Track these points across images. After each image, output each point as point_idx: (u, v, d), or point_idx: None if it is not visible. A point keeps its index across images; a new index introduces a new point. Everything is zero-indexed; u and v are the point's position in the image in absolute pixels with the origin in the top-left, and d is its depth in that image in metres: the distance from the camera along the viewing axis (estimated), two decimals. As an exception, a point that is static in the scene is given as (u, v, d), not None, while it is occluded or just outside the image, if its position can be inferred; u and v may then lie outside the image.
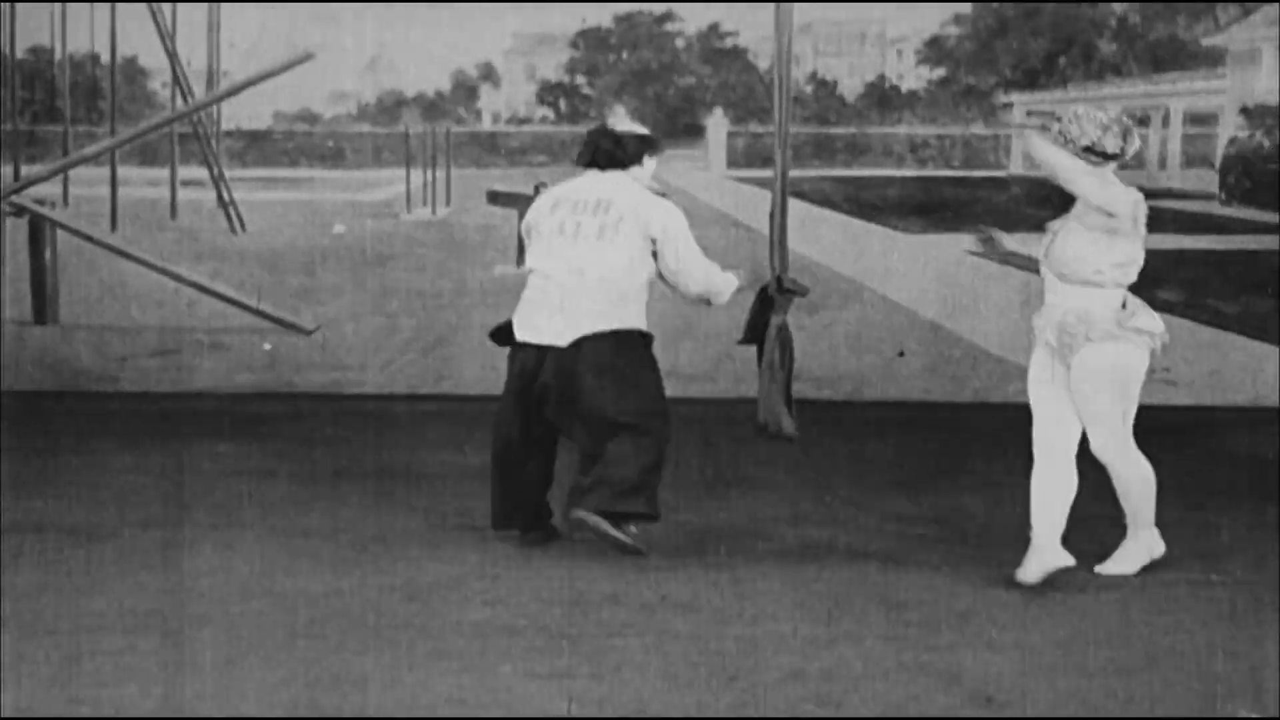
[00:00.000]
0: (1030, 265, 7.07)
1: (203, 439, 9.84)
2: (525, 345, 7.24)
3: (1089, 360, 6.64)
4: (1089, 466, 6.75)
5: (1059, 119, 6.79)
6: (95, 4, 12.71)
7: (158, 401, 11.18)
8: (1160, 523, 6.98)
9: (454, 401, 11.15)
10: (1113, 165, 6.76)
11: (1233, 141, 14.25)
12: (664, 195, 7.31)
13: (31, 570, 6.86)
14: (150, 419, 10.46)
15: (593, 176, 7.37)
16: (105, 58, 12.85)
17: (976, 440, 10.10)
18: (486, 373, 11.34)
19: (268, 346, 11.86)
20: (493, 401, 7.39)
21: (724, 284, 7.44)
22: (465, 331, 11.71)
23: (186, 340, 11.81)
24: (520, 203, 12.78)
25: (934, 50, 14.76)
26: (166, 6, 12.89)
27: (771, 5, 8.22)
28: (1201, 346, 11.48)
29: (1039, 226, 6.70)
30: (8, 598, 6.28)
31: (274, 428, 10.38)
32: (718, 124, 14.61)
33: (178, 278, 11.67)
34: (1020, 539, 6.84)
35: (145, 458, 9.31)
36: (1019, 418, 6.77)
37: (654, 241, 7.16)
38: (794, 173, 8.64)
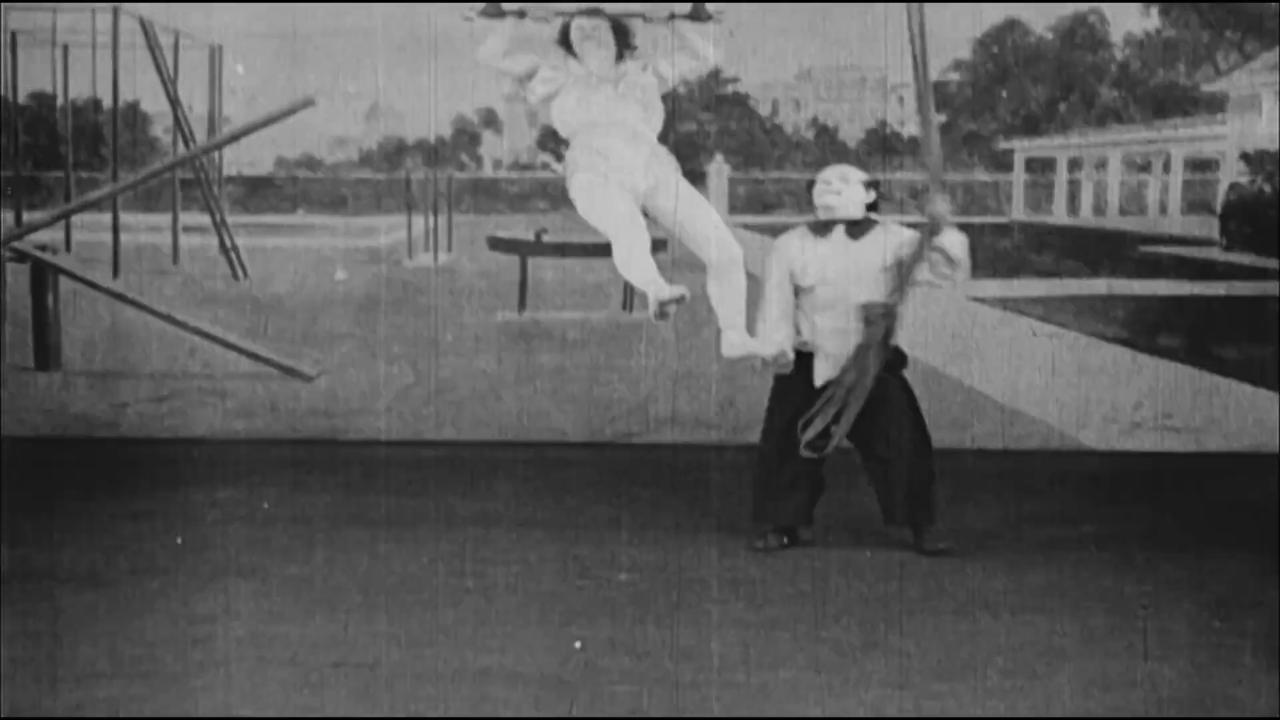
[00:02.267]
0: (1028, 309, 7.13)
1: (203, 485, 9.83)
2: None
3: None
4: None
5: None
6: (97, 50, 12.75)
7: (158, 447, 11.17)
8: (1161, 568, 6.96)
9: (455, 448, 11.15)
10: None
11: (1234, 187, 14.26)
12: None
13: (31, 617, 6.84)
14: (151, 465, 10.45)
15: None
16: (107, 103, 12.88)
17: (975, 486, 10.08)
18: (489, 419, 11.37)
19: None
20: (492, 448, 7.39)
21: None
22: (467, 378, 11.72)
23: (187, 386, 11.80)
24: (522, 249, 12.82)
25: (934, 96, 14.77)
26: (168, 52, 12.93)
27: (772, 52, 8.25)
28: (1202, 393, 11.47)
29: (1041, 272, 6.71)
30: (7, 644, 6.27)
31: (274, 474, 10.37)
32: (719, 170, 14.64)
33: (179, 323, 11.67)
34: (1002, 594, 6.81)
35: (145, 504, 9.30)
36: (1019, 464, 6.76)
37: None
38: (794, 219, 8.65)
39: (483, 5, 6.78)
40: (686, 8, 7.00)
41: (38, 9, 12.42)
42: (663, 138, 7.38)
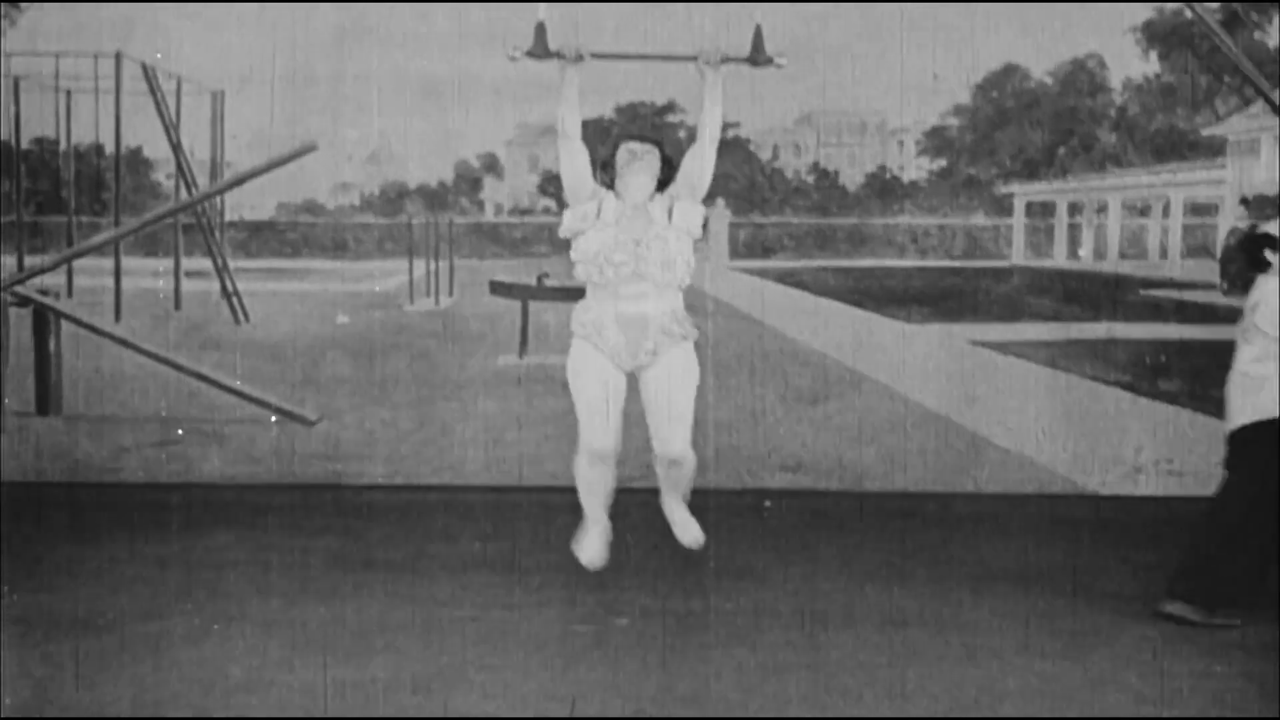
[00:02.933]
0: (1030, 354, 7.10)
1: (203, 530, 9.82)
2: None
3: (677, 360, 7.22)
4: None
5: None
6: (100, 95, 12.79)
7: (159, 492, 11.16)
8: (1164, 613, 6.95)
9: (456, 492, 11.13)
10: None
11: (1233, 231, 14.28)
12: None
13: (31, 661, 6.83)
14: (151, 509, 10.43)
15: None
16: (109, 149, 12.92)
17: (977, 530, 10.07)
18: (489, 463, 11.36)
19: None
20: (493, 493, 7.39)
21: None
22: (468, 422, 11.72)
23: (189, 431, 11.80)
24: (523, 293, 12.84)
25: (934, 141, 14.82)
26: (171, 97, 12.97)
27: (772, 97, 8.26)
28: (1205, 437, 11.45)
29: (1041, 315, 6.71)
30: (8, 689, 6.25)
31: (275, 518, 10.35)
32: (719, 215, 14.66)
33: (180, 368, 11.68)
34: (1013, 632, 6.79)
35: (146, 549, 9.28)
36: (1021, 508, 6.75)
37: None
38: (795, 263, 8.64)
39: (529, 46, 6.76)
40: (743, 53, 6.95)
41: (41, 55, 12.47)
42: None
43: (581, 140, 6.86)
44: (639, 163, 6.95)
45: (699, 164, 6.87)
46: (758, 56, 6.95)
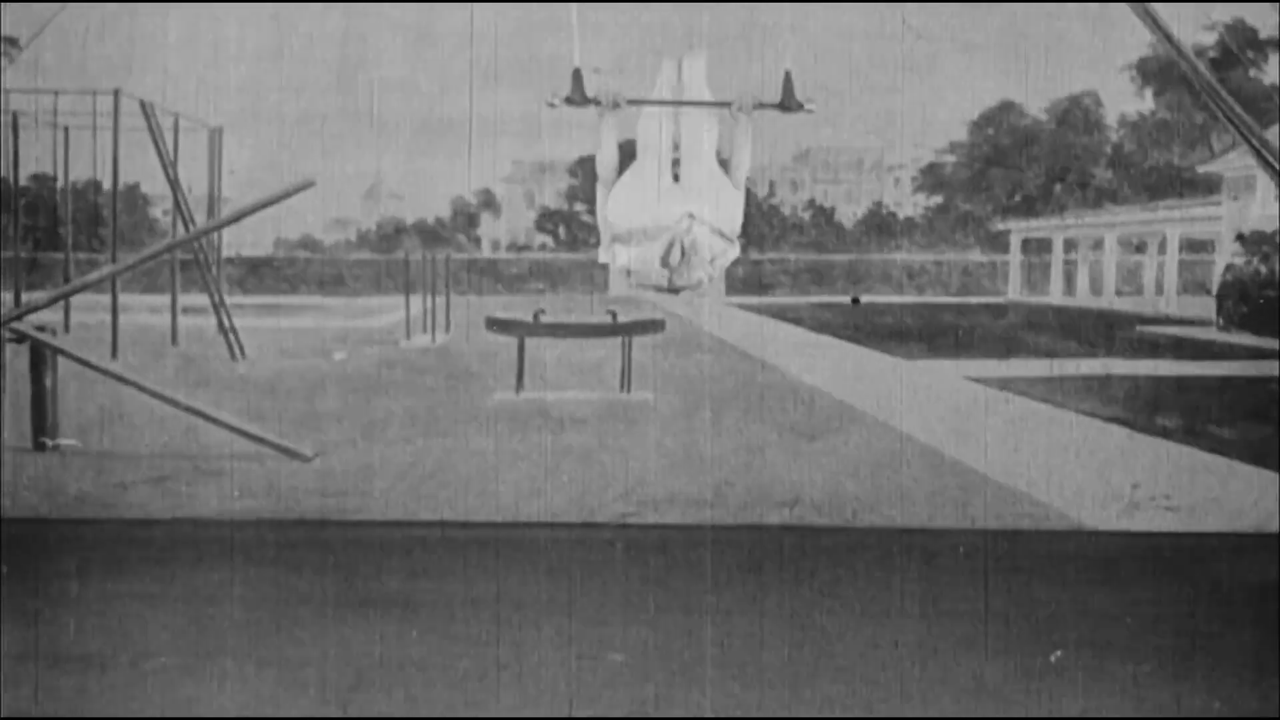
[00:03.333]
0: (1026, 389, 7.08)
1: (199, 566, 9.80)
2: None
3: None
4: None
5: None
6: (98, 132, 12.82)
7: (155, 528, 11.14)
8: (1161, 651, 6.93)
9: (452, 528, 11.12)
10: None
11: (1229, 268, 14.31)
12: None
13: (28, 700, 6.81)
14: (147, 546, 10.41)
15: None
16: (107, 185, 12.95)
17: (973, 566, 10.05)
18: (485, 500, 11.36)
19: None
20: (489, 529, 7.38)
21: None
22: (464, 458, 11.72)
23: (184, 467, 11.79)
24: (519, 329, 12.85)
25: (931, 177, 14.86)
26: (169, 134, 13.00)
27: (769, 133, 8.27)
28: (1201, 472, 11.47)
29: (1037, 351, 6.71)
30: (2, 726, 6.24)
31: (271, 555, 10.33)
32: (716, 251, 14.65)
33: (176, 404, 11.67)
34: (1010, 667, 6.79)
35: (142, 585, 9.26)
36: (1017, 544, 6.75)
37: None
38: (792, 299, 8.66)
39: (567, 94, 6.76)
40: (775, 99, 6.96)
41: (40, 92, 12.50)
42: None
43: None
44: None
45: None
46: (789, 102, 6.97)
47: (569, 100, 6.78)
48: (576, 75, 6.77)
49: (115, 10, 12.19)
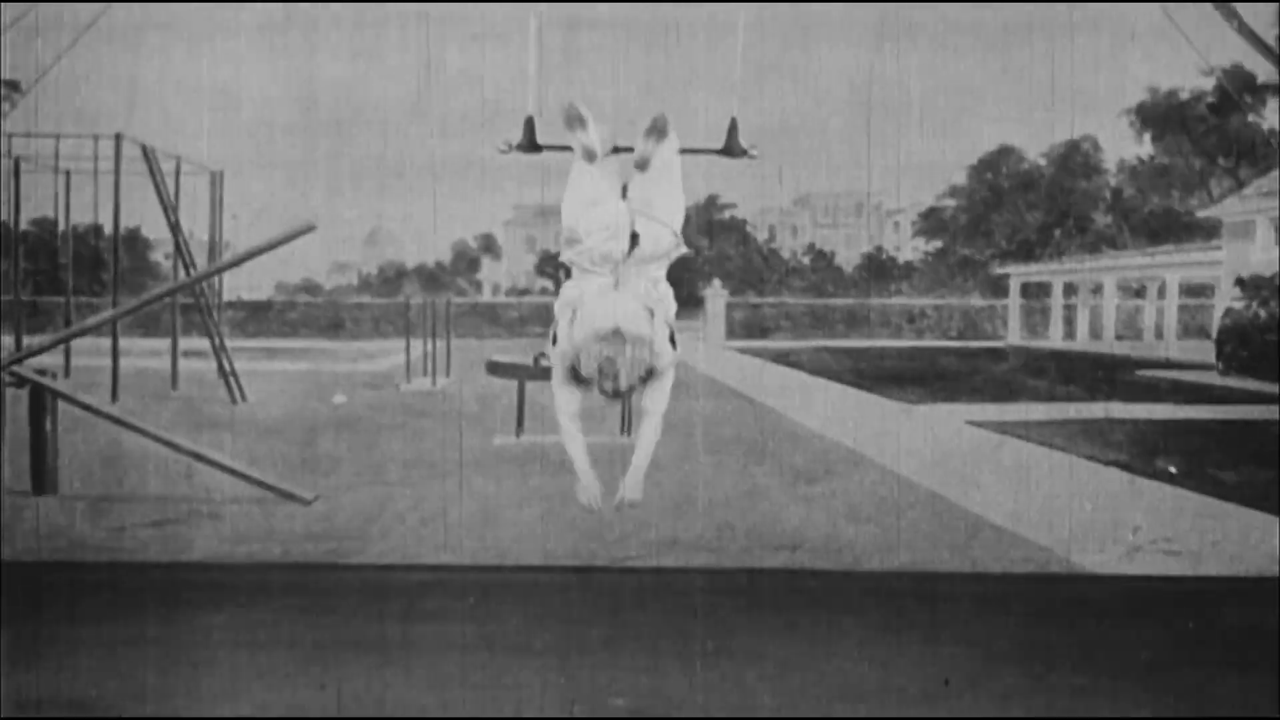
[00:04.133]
0: (1026, 433, 7.06)
1: (199, 610, 9.78)
2: None
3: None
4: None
5: None
6: (99, 176, 12.85)
7: (155, 572, 11.12)
8: (1163, 693, 6.92)
9: (452, 572, 11.10)
10: None
11: (1229, 312, 14.33)
12: None
13: (25, 743, 6.80)
14: (147, 590, 10.39)
15: None
16: (108, 229, 12.97)
17: (974, 610, 10.04)
18: (485, 543, 11.35)
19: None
20: (489, 572, 7.37)
21: None
22: (464, 502, 11.71)
23: (184, 510, 11.78)
24: (520, 373, 12.86)
25: (930, 222, 14.89)
26: (170, 178, 13.03)
27: (769, 178, 8.31)
28: (1202, 516, 11.46)
29: (1037, 395, 6.71)
30: (0, 771, 6.22)
31: (271, 598, 10.32)
32: (716, 295, 14.70)
33: (177, 447, 11.67)
34: (1012, 711, 6.77)
35: (142, 629, 9.24)
36: (1018, 588, 6.73)
37: None
38: (791, 343, 8.67)
39: (519, 141, 6.76)
40: (718, 145, 6.95)
41: (41, 136, 12.53)
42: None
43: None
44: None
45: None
46: (734, 148, 6.95)
47: (519, 147, 6.79)
48: (528, 123, 6.77)
49: (117, 54, 12.24)
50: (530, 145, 6.79)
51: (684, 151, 6.83)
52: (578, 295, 6.49)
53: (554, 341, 6.61)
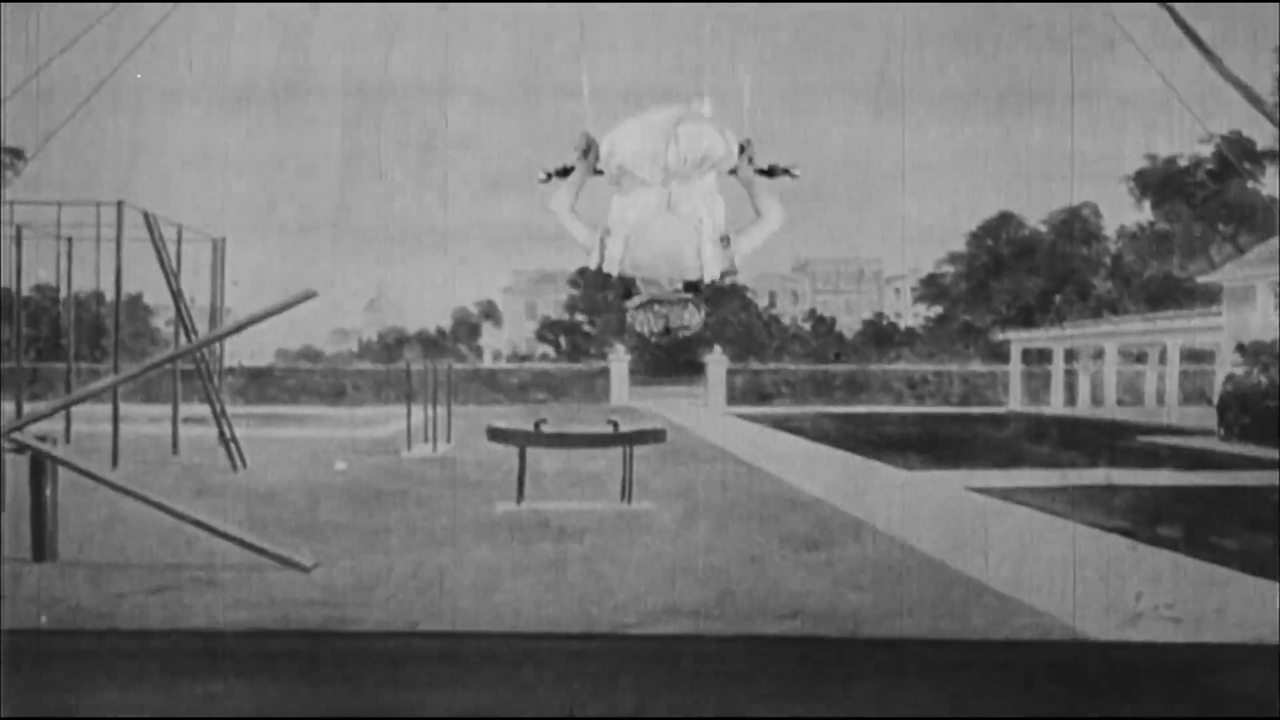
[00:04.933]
0: (1027, 500, 7.06)
1: (198, 677, 9.75)
2: None
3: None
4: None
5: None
6: (101, 243, 12.89)
7: (154, 639, 11.10)
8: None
9: (452, 639, 11.08)
10: None
11: (1230, 378, 14.34)
12: None
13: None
14: (146, 657, 10.37)
15: None
16: (110, 296, 13.00)
17: (977, 677, 10.01)
18: (486, 610, 11.33)
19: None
20: (490, 639, 7.35)
21: None
22: (464, 569, 11.69)
23: (184, 577, 11.76)
24: (520, 439, 12.86)
25: (931, 288, 14.92)
26: (171, 245, 13.07)
27: (769, 244, 8.31)
28: (1203, 583, 11.44)
29: (1039, 461, 6.71)
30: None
31: (271, 665, 10.29)
32: (717, 361, 14.72)
33: (176, 514, 11.66)
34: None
35: (141, 697, 9.22)
36: (1020, 655, 6.71)
37: None
38: (792, 409, 8.68)
39: (557, 167, 6.81)
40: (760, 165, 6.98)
41: (44, 203, 12.58)
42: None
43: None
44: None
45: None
46: (774, 167, 6.97)
47: (558, 173, 6.84)
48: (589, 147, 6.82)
49: (119, 122, 12.30)
50: (568, 171, 6.87)
51: (731, 173, 6.87)
52: (629, 218, 6.55)
53: (600, 257, 6.65)
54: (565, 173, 6.83)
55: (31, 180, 12.29)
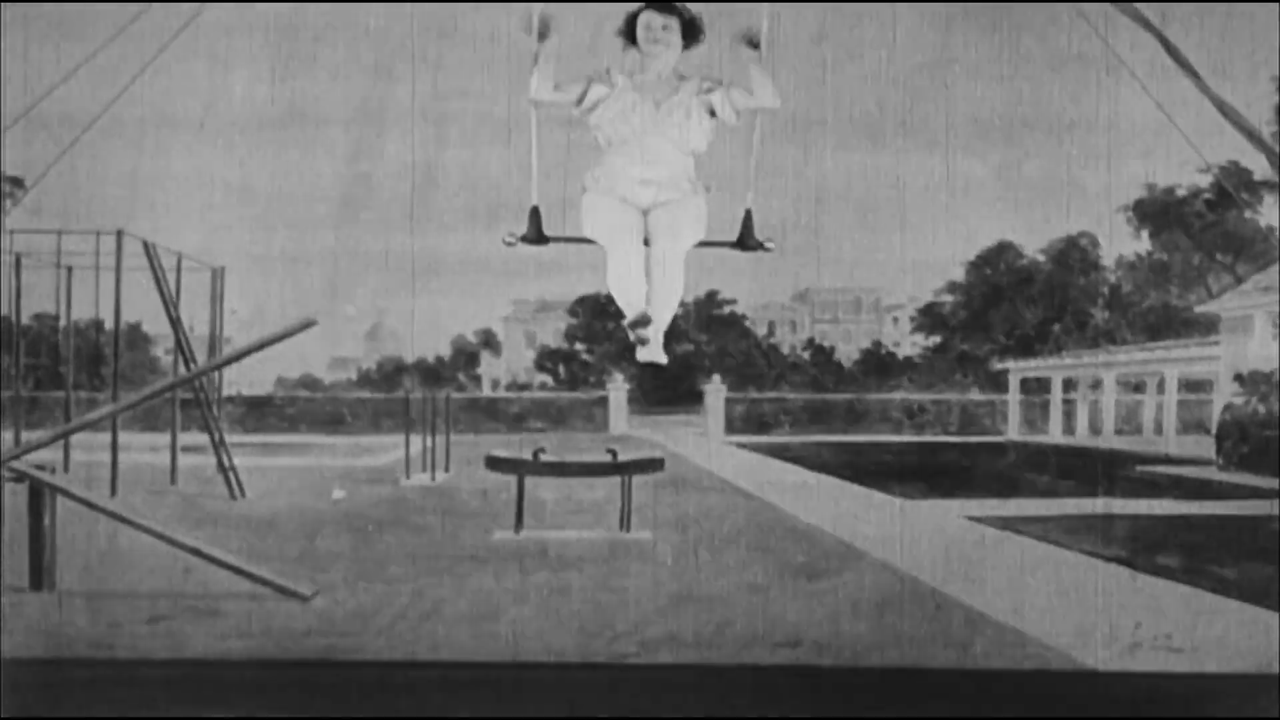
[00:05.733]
0: (1026, 529, 7.08)
1: (196, 708, 9.74)
2: None
3: (689, 207, 7.03)
4: None
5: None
6: (100, 271, 12.90)
7: (151, 669, 11.08)
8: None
9: (451, 669, 11.06)
10: None
11: (1228, 408, 14.35)
12: None
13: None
14: (144, 687, 10.35)
15: None
16: (109, 324, 13.01)
17: (975, 707, 10.00)
18: (484, 639, 11.32)
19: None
20: (490, 669, 7.35)
21: None
22: (464, 598, 11.67)
23: (182, 606, 11.74)
24: (519, 468, 12.86)
25: (929, 317, 14.93)
26: (171, 274, 13.08)
27: (768, 273, 8.34)
28: (1202, 613, 11.43)
29: (1037, 491, 6.72)
30: None
31: (269, 696, 10.28)
32: (716, 390, 14.72)
33: (175, 543, 11.65)
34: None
35: (138, 726, 9.21)
36: (1018, 685, 6.71)
37: None
38: (791, 438, 8.68)
39: (524, 232, 6.83)
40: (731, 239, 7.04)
41: (43, 232, 12.59)
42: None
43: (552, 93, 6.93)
44: (658, 44, 6.96)
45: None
46: (748, 240, 7.01)
47: (524, 239, 6.86)
48: (534, 214, 6.85)
49: (119, 150, 12.31)
50: (537, 237, 6.87)
51: (701, 245, 6.90)
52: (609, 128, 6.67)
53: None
54: (533, 239, 6.85)
55: (31, 209, 12.30)
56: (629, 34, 7.05)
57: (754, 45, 7.03)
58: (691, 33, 7.02)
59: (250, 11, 12.05)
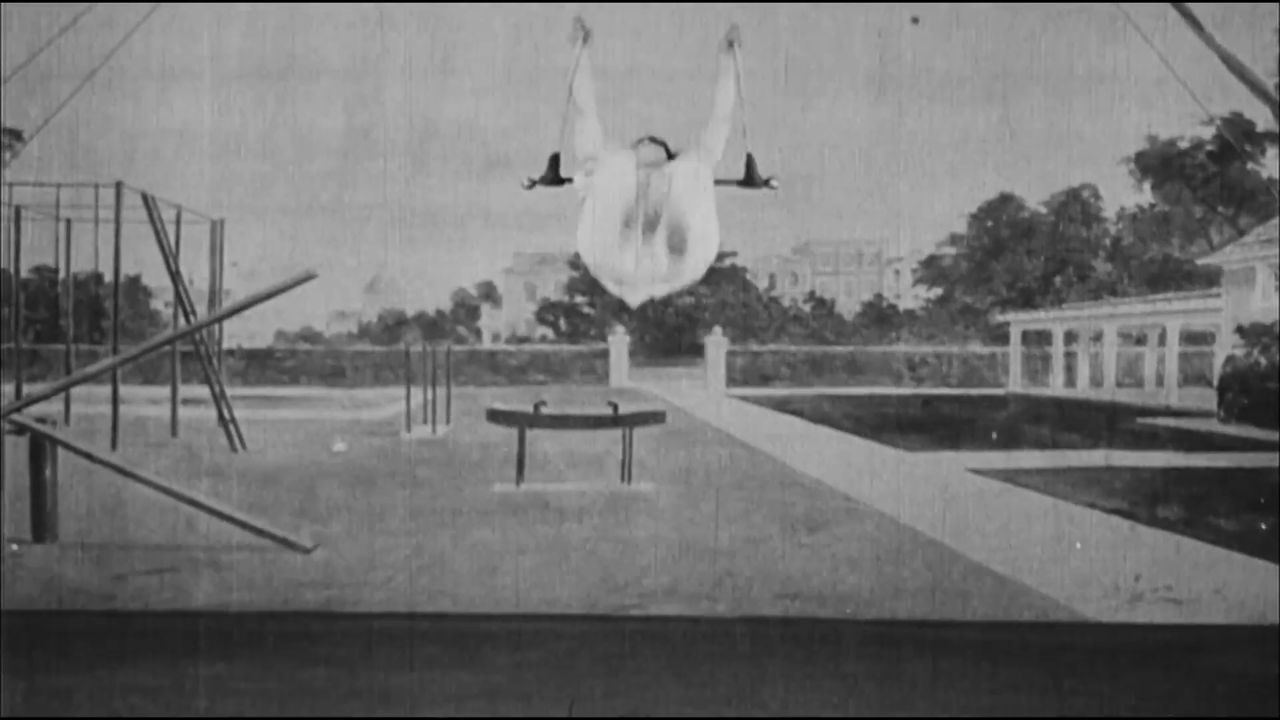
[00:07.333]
0: (1027, 481, 7.07)
1: (198, 658, 9.75)
2: None
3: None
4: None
5: None
6: (100, 224, 12.88)
7: (154, 620, 11.10)
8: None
9: (453, 620, 11.08)
10: None
11: (1230, 360, 14.34)
12: None
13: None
14: (146, 638, 10.37)
15: None
16: (109, 277, 13.00)
17: (976, 658, 10.01)
18: (486, 591, 11.34)
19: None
20: (489, 621, 7.35)
21: None
22: (465, 550, 11.69)
23: (184, 558, 11.77)
24: (520, 421, 12.86)
25: (930, 270, 14.91)
26: (170, 226, 13.06)
27: (769, 226, 8.32)
28: (1203, 565, 11.46)
29: (1038, 443, 6.71)
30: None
31: (270, 647, 10.29)
32: (717, 343, 14.70)
33: (176, 495, 11.66)
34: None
35: (140, 678, 9.21)
36: (1019, 636, 6.71)
37: None
38: (792, 390, 8.67)
39: (541, 174, 6.83)
40: (738, 176, 7.01)
41: (43, 185, 12.56)
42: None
43: (594, 113, 6.88)
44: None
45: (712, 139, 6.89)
46: (754, 178, 7.00)
47: (542, 181, 6.87)
48: (553, 159, 6.86)
49: (118, 103, 12.28)
50: (554, 179, 6.89)
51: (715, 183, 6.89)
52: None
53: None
54: (550, 180, 6.84)
55: (30, 161, 12.28)
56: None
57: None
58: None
59: (249, -38, 12.02)
